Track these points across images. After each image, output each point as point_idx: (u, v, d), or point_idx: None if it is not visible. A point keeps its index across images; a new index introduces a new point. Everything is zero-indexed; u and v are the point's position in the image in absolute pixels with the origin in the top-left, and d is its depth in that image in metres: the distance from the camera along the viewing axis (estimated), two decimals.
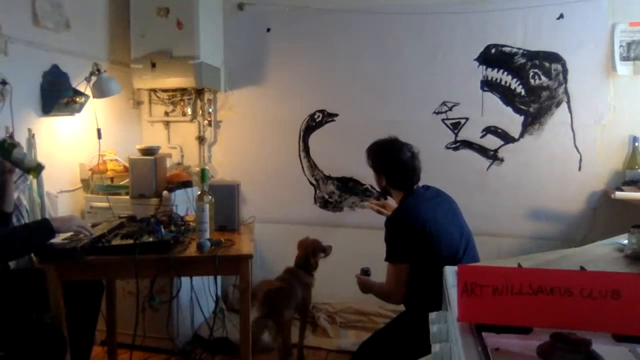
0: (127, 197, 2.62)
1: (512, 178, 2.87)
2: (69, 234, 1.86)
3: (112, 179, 2.69)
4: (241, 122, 3.26)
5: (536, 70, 2.79)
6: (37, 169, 1.85)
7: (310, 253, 2.49)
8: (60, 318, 1.76)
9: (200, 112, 3.24)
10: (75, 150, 2.64)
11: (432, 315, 1.39)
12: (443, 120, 2.94)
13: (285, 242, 2.66)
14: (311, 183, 3.19)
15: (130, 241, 1.84)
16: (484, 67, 2.85)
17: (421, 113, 2.95)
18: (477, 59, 2.86)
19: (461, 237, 1.89)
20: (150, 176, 2.57)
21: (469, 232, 1.96)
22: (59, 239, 1.92)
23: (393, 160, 1.92)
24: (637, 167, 2.62)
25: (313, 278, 2.53)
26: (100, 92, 2.57)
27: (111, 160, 2.74)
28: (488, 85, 2.86)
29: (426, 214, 1.83)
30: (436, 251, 1.79)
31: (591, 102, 2.73)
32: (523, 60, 2.80)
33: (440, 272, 1.57)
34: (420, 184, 2.02)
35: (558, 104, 2.78)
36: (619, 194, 2.53)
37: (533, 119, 2.82)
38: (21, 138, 2.22)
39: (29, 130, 2.28)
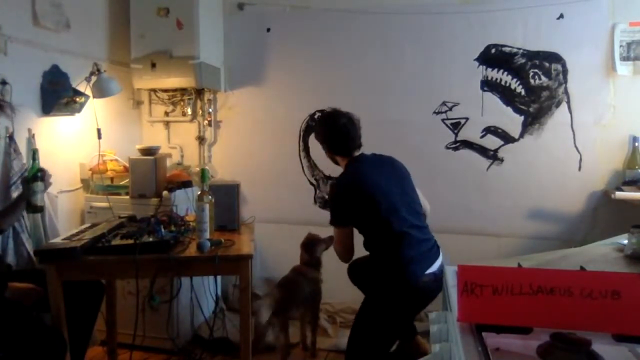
0: (127, 197, 2.62)
1: (512, 178, 2.87)
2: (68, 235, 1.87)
3: (112, 179, 2.69)
4: (241, 122, 3.26)
5: (536, 70, 2.79)
6: (37, 209, 1.90)
7: (305, 248, 2.50)
8: (60, 318, 1.76)
9: (200, 112, 3.24)
10: (75, 150, 2.64)
11: (432, 315, 1.39)
12: (443, 120, 2.94)
13: (285, 242, 2.66)
14: (311, 183, 3.19)
15: (130, 241, 1.84)
16: (484, 67, 2.85)
17: (421, 113, 2.95)
18: (477, 59, 2.86)
19: (404, 204, 1.95)
20: (150, 176, 2.57)
21: (411, 196, 2.03)
22: (58, 239, 1.93)
23: (330, 127, 2.05)
24: (637, 167, 2.62)
25: (320, 273, 2.53)
26: (100, 92, 2.57)
27: (111, 160, 2.74)
28: (488, 85, 2.86)
29: (365, 178, 1.93)
30: (376, 212, 1.88)
31: (591, 102, 2.73)
32: (523, 60, 2.80)
33: (382, 232, 1.86)
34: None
35: (558, 104, 2.78)
36: (619, 194, 2.53)
37: (533, 119, 2.82)
38: (21, 138, 2.22)
39: (29, 130, 2.28)
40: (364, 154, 2.08)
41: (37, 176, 1.86)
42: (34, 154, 1.94)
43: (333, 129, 2.05)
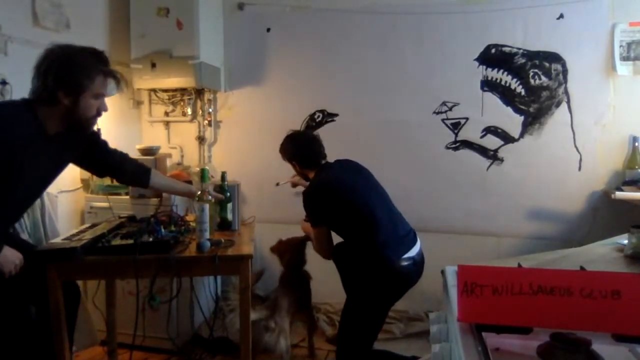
0: (127, 197, 2.62)
1: (512, 178, 2.86)
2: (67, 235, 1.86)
3: (112, 179, 2.68)
4: (241, 122, 3.26)
5: (536, 70, 2.79)
6: (230, 224, 2.22)
7: (290, 255, 2.52)
8: (60, 319, 1.76)
9: (200, 112, 3.24)
10: None
11: (432, 315, 1.39)
12: (443, 120, 2.94)
13: None
14: None
15: (130, 241, 1.84)
16: (484, 67, 2.85)
17: (421, 113, 2.95)
18: (477, 59, 2.86)
19: (373, 194, 2.10)
20: None
21: (377, 188, 2.18)
22: (58, 239, 1.93)
23: (297, 143, 2.26)
24: (637, 167, 2.62)
25: (307, 272, 2.56)
26: None
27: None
28: (488, 85, 2.86)
29: (333, 178, 2.12)
30: (351, 210, 2.01)
31: (591, 102, 2.73)
32: (523, 60, 2.80)
33: (355, 223, 2.00)
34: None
35: (558, 104, 2.78)
36: (619, 194, 2.53)
37: (533, 119, 2.82)
38: None
39: None
40: (328, 162, 2.25)
41: (230, 199, 2.19)
42: (223, 177, 2.21)
43: (300, 144, 2.25)
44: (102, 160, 1.96)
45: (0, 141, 1.49)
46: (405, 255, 1.98)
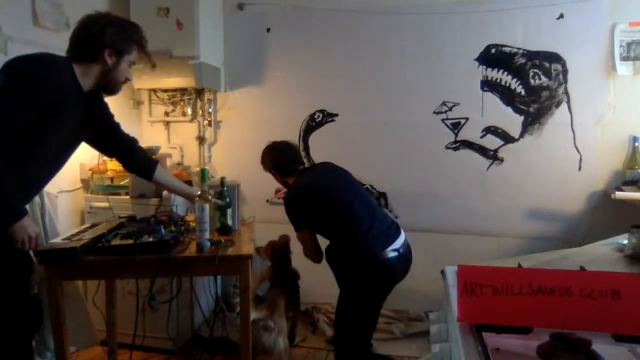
0: (127, 197, 2.62)
1: (512, 178, 2.87)
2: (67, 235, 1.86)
3: (112, 179, 2.69)
4: (241, 122, 3.26)
5: (536, 70, 2.79)
6: (229, 229, 2.21)
7: (278, 255, 2.55)
8: (60, 318, 1.77)
9: (200, 112, 3.24)
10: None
11: (432, 315, 1.39)
12: (443, 120, 2.94)
13: None
14: None
15: (130, 241, 1.84)
16: (484, 67, 2.85)
17: (421, 113, 2.95)
18: (477, 59, 2.86)
19: (349, 191, 2.14)
20: None
21: (356, 185, 2.25)
22: (58, 239, 1.93)
23: (275, 154, 2.30)
24: (637, 167, 2.62)
25: (296, 271, 2.59)
26: None
27: (111, 160, 2.74)
28: (488, 85, 2.86)
29: (311, 180, 2.19)
30: (329, 209, 2.06)
31: (591, 102, 2.73)
32: (523, 60, 2.80)
33: (337, 221, 2.04)
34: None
35: (558, 104, 2.78)
36: (619, 194, 2.53)
37: (533, 119, 2.82)
38: None
39: None
40: (305, 167, 2.34)
41: (230, 204, 2.19)
42: (222, 182, 2.20)
43: (276, 152, 2.30)
44: (114, 139, 2.01)
45: (52, 84, 1.56)
46: (389, 248, 1.99)
